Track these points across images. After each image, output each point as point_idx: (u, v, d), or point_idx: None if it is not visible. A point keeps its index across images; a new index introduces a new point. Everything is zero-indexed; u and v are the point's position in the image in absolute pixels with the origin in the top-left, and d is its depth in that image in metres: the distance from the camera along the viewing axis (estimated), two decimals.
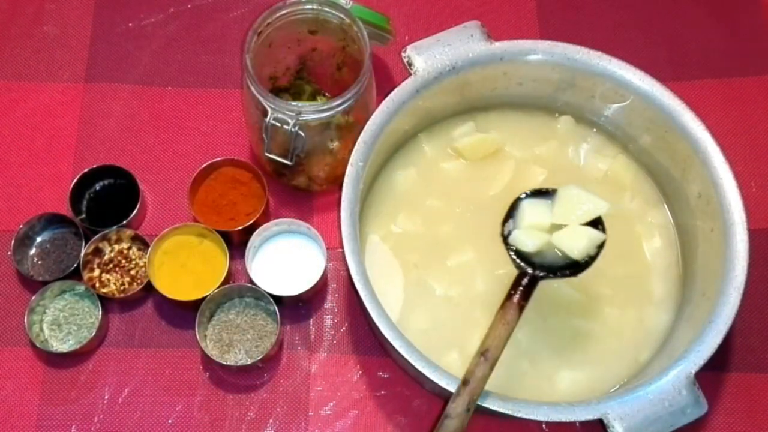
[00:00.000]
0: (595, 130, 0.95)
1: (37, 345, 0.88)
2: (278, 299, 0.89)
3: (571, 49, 0.88)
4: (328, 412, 0.89)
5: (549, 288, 0.87)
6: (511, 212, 0.79)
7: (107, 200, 0.96)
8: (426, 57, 0.86)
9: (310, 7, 0.88)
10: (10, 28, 1.06)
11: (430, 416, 0.88)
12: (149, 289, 0.91)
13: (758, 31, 1.07)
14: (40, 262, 0.93)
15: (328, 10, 0.88)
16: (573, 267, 0.77)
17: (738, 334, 0.91)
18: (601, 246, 0.77)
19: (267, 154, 0.87)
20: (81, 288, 0.91)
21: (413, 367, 0.75)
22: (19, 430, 0.88)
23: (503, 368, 0.84)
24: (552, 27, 1.07)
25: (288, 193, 0.98)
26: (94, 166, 0.94)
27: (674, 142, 0.87)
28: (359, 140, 0.84)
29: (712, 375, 0.89)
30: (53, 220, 0.94)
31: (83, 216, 0.94)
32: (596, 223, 0.77)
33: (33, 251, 0.94)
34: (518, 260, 0.77)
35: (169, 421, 0.88)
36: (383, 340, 0.77)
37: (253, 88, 0.84)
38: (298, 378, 0.90)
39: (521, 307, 0.75)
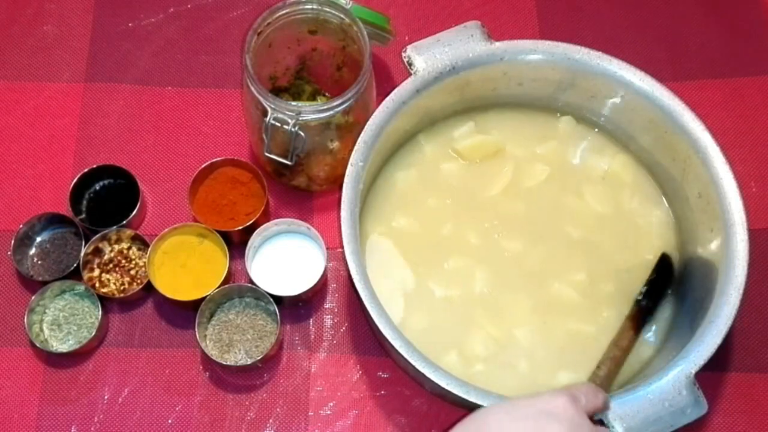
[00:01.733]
0: (596, 130, 0.95)
1: (37, 345, 0.88)
2: (278, 299, 0.89)
3: (572, 49, 0.88)
4: (328, 412, 0.89)
5: (551, 289, 0.87)
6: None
7: (107, 200, 0.96)
8: (426, 57, 0.86)
9: (310, 7, 0.88)
10: (10, 28, 1.06)
11: (430, 416, 0.88)
12: (149, 289, 0.91)
13: (758, 31, 1.07)
14: (40, 262, 0.93)
15: (328, 10, 0.88)
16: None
17: (738, 334, 0.91)
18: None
19: (267, 154, 0.87)
20: (81, 288, 0.91)
21: (413, 367, 0.75)
22: (19, 430, 0.88)
23: (503, 369, 0.84)
24: (552, 27, 1.07)
25: (288, 193, 0.98)
26: (94, 166, 0.95)
27: (674, 141, 0.87)
28: (359, 140, 0.84)
29: (712, 375, 0.89)
30: (53, 220, 0.94)
31: (83, 216, 0.94)
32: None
33: (33, 251, 0.94)
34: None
35: (169, 421, 0.88)
36: (383, 339, 0.77)
37: (253, 88, 0.84)
38: (298, 378, 0.90)
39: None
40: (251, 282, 0.90)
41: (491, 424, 0.64)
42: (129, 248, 0.93)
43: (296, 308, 0.93)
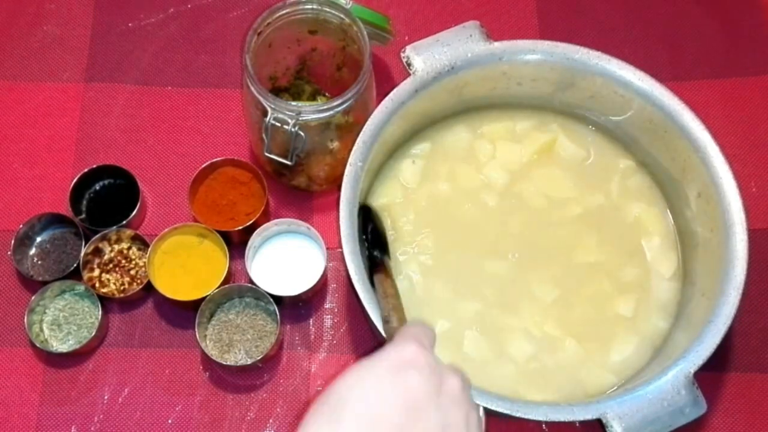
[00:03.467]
0: (593, 128, 0.95)
1: (37, 345, 0.88)
2: (278, 299, 0.89)
3: (571, 49, 0.88)
4: None
5: (551, 291, 0.87)
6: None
7: (107, 200, 0.96)
8: (425, 57, 0.86)
9: (310, 7, 0.88)
10: (10, 28, 1.06)
11: None
12: (149, 289, 0.91)
13: (758, 31, 1.07)
14: (40, 262, 0.93)
15: (328, 10, 0.88)
16: None
17: (737, 334, 0.91)
18: None
19: (267, 154, 0.87)
20: (81, 288, 0.91)
21: None
22: (19, 430, 0.88)
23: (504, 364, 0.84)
24: (552, 27, 1.07)
25: (288, 193, 0.98)
26: (94, 166, 0.95)
27: (674, 141, 0.87)
28: (358, 140, 0.84)
29: (711, 375, 0.89)
30: (53, 220, 0.94)
31: (83, 216, 0.94)
32: None
33: (33, 251, 0.94)
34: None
35: (169, 421, 0.88)
36: (383, 340, 0.77)
37: (253, 88, 0.84)
38: (298, 378, 0.90)
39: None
40: (251, 282, 0.90)
41: (350, 391, 0.58)
42: (129, 248, 0.93)
43: (296, 308, 0.93)
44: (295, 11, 0.88)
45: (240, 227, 0.91)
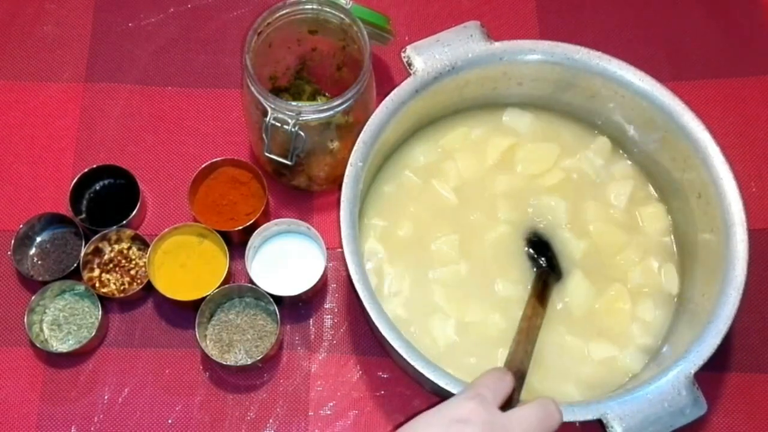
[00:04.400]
0: (593, 128, 0.95)
1: (37, 345, 0.88)
2: (278, 299, 0.89)
3: (571, 49, 0.88)
4: (328, 412, 0.89)
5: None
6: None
7: (107, 200, 0.96)
8: (426, 57, 0.86)
9: (310, 7, 0.88)
10: (10, 28, 1.06)
11: None
12: (149, 289, 0.91)
13: (757, 32, 1.07)
14: (40, 262, 0.93)
15: (328, 10, 0.88)
16: None
17: (737, 335, 0.91)
18: None
19: (267, 154, 0.87)
20: (81, 288, 0.91)
21: (413, 367, 0.75)
22: (19, 430, 0.88)
23: None
24: (552, 27, 1.07)
25: (288, 193, 0.98)
26: (94, 166, 0.95)
27: (674, 142, 0.87)
28: (359, 140, 0.84)
29: (711, 375, 0.89)
30: (53, 220, 0.94)
31: (83, 216, 0.94)
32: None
33: (33, 251, 0.94)
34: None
35: (169, 421, 0.88)
36: (383, 340, 0.77)
37: (253, 88, 0.84)
38: (298, 378, 0.90)
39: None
40: (251, 282, 0.90)
41: None
42: (129, 248, 0.93)
43: (296, 308, 0.93)
44: (295, 11, 0.88)
45: (240, 227, 0.91)
